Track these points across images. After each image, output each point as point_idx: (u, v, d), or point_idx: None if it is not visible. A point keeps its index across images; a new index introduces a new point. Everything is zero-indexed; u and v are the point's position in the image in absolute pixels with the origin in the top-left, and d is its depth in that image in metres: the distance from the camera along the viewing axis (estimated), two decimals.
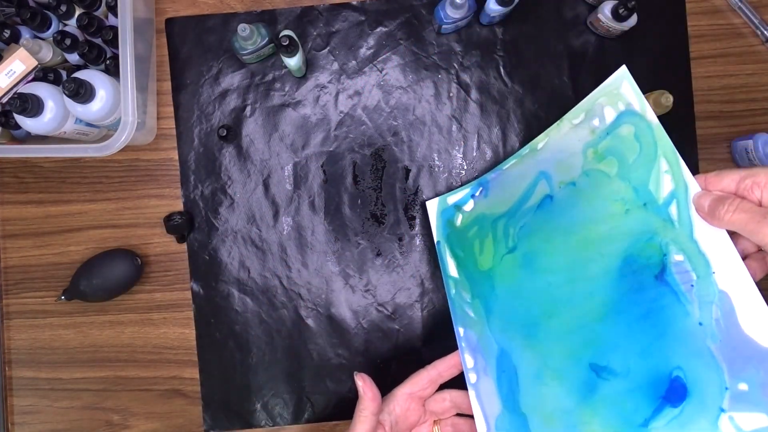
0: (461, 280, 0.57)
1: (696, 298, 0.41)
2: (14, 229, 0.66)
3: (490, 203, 0.57)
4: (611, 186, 0.48)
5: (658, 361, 0.42)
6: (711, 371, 0.39)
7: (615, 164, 0.49)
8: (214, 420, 0.65)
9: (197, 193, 0.65)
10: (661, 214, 0.45)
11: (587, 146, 0.51)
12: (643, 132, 0.48)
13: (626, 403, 0.43)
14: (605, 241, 0.48)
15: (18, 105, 0.52)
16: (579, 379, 0.46)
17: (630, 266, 0.45)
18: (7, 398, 0.66)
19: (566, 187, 0.52)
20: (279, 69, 0.65)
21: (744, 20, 0.64)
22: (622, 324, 0.44)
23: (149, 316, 0.66)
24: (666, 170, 0.45)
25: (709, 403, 0.39)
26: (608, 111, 0.50)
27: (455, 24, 0.61)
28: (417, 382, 0.54)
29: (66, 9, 0.59)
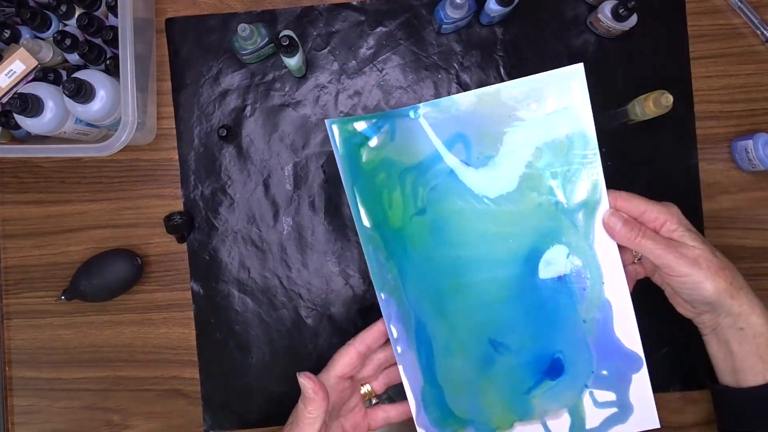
0: (374, 235, 0.52)
1: (585, 300, 0.51)
2: (14, 229, 0.66)
3: (396, 148, 0.51)
4: (532, 175, 0.50)
5: (545, 343, 0.51)
6: (584, 358, 0.51)
7: (540, 155, 0.50)
8: (214, 420, 0.65)
9: (197, 193, 0.65)
10: (569, 217, 0.50)
11: (517, 126, 0.50)
12: (577, 136, 0.49)
13: (516, 375, 0.52)
14: (516, 227, 0.51)
15: (18, 105, 0.52)
16: (480, 352, 0.52)
17: (534, 258, 0.51)
18: (7, 398, 0.66)
19: (485, 159, 0.50)
20: (279, 69, 0.65)
21: (744, 20, 0.64)
22: (520, 309, 0.51)
23: (149, 316, 0.66)
24: (586, 180, 0.50)
25: (579, 380, 0.51)
26: (550, 102, 0.49)
27: (455, 24, 0.61)
28: (347, 362, 0.50)
29: (66, 9, 0.59)
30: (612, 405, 0.51)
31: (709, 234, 0.64)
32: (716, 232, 0.64)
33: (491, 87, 0.50)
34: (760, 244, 0.65)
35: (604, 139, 0.63)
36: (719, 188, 0.64)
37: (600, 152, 0.59)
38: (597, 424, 0.51)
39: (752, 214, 0.64)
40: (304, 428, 0.46)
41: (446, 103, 0.50)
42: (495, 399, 0.52)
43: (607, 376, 0.51)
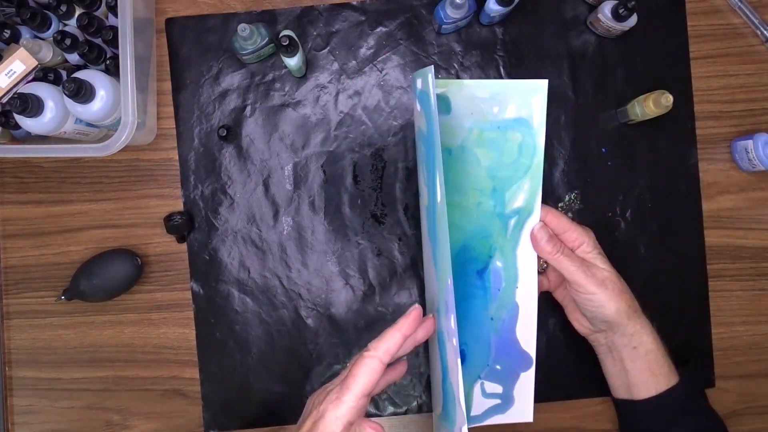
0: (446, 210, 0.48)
1: (497, 301, 0.55)
2: (14, 229, 0.66)
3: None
4: (478, 175, 0.54)
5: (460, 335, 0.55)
6: (483, 351, 0.56)
7: (490, 158, 0.54)
8: (214, 420, 0.65)
9: (197, 193, 0.65)
10: (502, 221, 0.54)
11: (475, 125, 0.53)
12: (527, 147, 0.53)
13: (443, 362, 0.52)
14: (455, 222, 0.54)
15: (18, 105, 0.52)
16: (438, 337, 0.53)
17: (464, 253, 0.55)
18: (7, 398, 0.66)
19: (444, 150, 0.54)
20: (279, 69, 0.65)
21: (744, 20, 0.64)
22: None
23: (149, 316, 0.66)
24: (525, 189, 0.54)
25: (474, 372, 0.56)
26: (510, 108, 0.53)
27: (455, 24, 0.61)
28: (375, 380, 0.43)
29: (66, 9, 0.59)
30: (497, 396, 0.56)
31: (709, 234, 0.64)
32: (716, 232, 0.64)
33: (459, 81, 0.54)
34: (760, 244, 0.65)
35: (604, 139, 0.64)
36: (719, 188, 0.65)
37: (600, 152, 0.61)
38: (480, 413, 0.56)
39: (752, 214, 0.65)
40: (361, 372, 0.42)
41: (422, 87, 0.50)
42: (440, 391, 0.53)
43: (499, 371, 0.56)
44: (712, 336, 0.64)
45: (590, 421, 0.65)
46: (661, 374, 0.53)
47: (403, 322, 0.44)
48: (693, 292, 0.64)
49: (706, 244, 0.64)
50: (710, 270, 0.64)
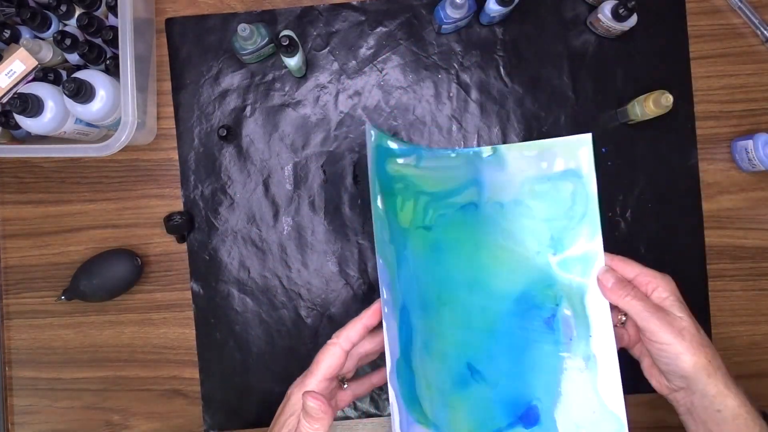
0: (384, 218, 0.52)
1: (570, 351, 0.50)
2: (14, 229, 0.66)
3: (419, 174, 0.56)
4: (534, 224, 0.54)
5: (523, 387, 0.50)
6: (561, 413, 0.49)
7: (544, 209, 0.54)
8: (214, 420, 0.65)
9: (197, 193, 0.65)
10: (565, 268, 0.52)
11: (527, 180, 0.54)
12: (580, 195, 0.53)
13: (489, 410, 0.50)
14: (511, 268, 0.53)
15: (18, 105, 0.52)
16: (456, 370, 0.51)
17: (526, 301, 0.52)
18: (7, 398, 0.66)
19: (494, 204, 0.55)
20: (279, 69, 0.65)
21: (744, 20, 0.64)
22: (504, 344, 0.51)
23: (149, 316, 0.66)
24: (584, 235, 0.52)
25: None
26: (559, 162, 0.54)
27: (455, 24, 0.61)
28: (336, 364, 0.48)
29: (66, 9, 0.59)
30: None
31: (709, 234, 0.64)
32: (716, 232, 0.64)
33: (506, 145, 0.56)
34: (760, 244, 0.65)
35: (604, 139, 0.64)
36: (719, 188, 0.65)
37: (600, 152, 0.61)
38: None
39: (752, 214, 0.65)
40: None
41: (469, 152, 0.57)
42: (463, 421, 0.50)
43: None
44: (712, 336, 0.64)
45: None
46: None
47: (364, 313, 0.49)
48: (693, 292, 0.64)
49: (706, 244, 0.64)
50: (710, 270, 0.64)
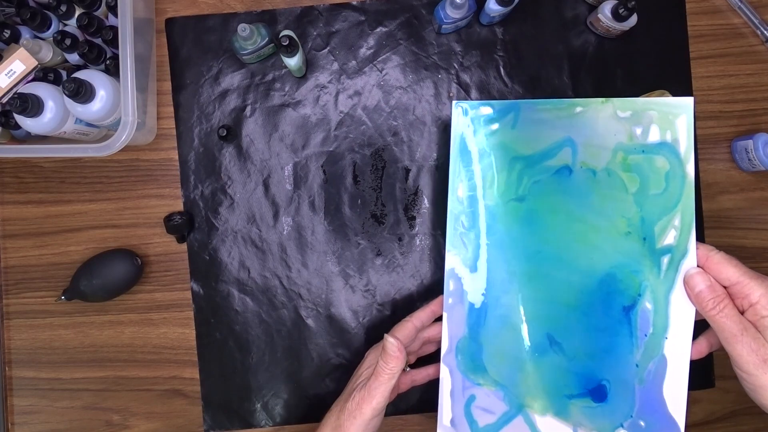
0: (464, 206, 0.55)
1: (643, 347, 0.50)
2: (14, 229, 0.66)
3: (515, 136, 0.54)
4: (625, 201, 0.51)
5: (597, 365, 0.51)
6: (627, 400, 0.51)
7: (636, 184, 0.50)
8: (214, 420, 0.65)
9: (197, 193, 0.65)
10: (653, 257, 0.49)
11: (619, 147, 0.51)
12: (675, 177, 0.49)
13: (563, 376, 0.52)
14: (600, 246, 0.51)
15: (18, 105, 0.52)
16: (536, 339, 0.53)
17: (609, 283, 0.51)
18: (7, 398, 0.66)
19: (587, 170, 0.52)
20: (279, 69, 0.65)
21: (744, 20, 0.64)
22: (584, 322, 0.52)
23: (149, 316, 0.66)
24: (676, 225, 0.49)
25: (617, 416, 0.51)
26: (654, 130, 0.50)
27: (455, 24, 0.61)
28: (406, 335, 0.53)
29: (66, 9, 0.59)
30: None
31: (709, 234, 0.64)
32: (716, 232, 0.64)
33: (600, 100, 0.51)
34: (760, 244, 0.65)
35: None
36: (719, 188, 0.64)
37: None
38: None
39: (752, 214, 0.65)
40: (384, 381, 0.49)
41: (561, 105, 0.53)
42: (536, 383, 0.53)
43: (643, 428, 0.50)
44: None
45: None
46: None
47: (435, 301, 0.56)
48: None
49: None
50: None
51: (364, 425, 0.49)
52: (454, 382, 0.54)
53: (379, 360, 0.50)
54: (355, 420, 0.49)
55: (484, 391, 0.54)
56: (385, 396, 0.49)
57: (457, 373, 0.54)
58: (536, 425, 0.53)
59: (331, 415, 0.52)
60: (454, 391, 0.54)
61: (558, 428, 0.52)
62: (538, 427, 0.53)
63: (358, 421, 0.49)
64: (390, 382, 0.49)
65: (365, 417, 0.49)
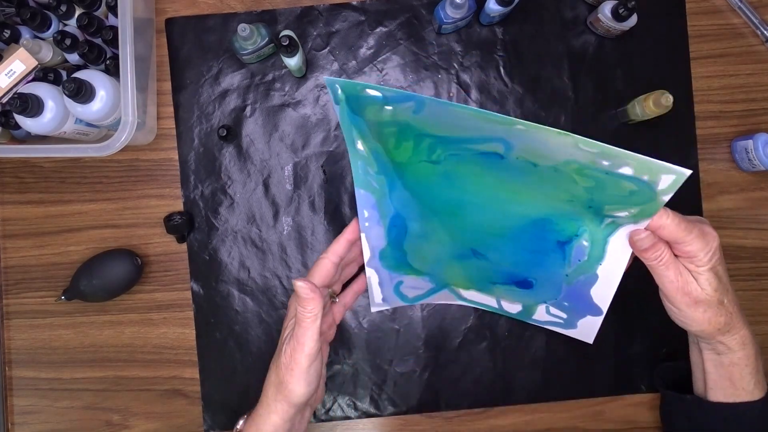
0: (368, 157, 0.50)
1: (575, 266, 0.52)
2: (14, 229, 0.66)
3: (420, 120, 0.45)
4: (574, 188, 0.45)
5: (523, 270, 0.55)
6: (552, 290, 0.55)
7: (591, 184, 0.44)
8: (214, 420, 0.65)
9: (197, 193, 0.65)
10: (598, 217, 0.47)
11: (573, 161, 0.43)
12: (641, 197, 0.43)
13: (487, 272, 0.56)
14: (536, 199, 0.48)
15: (18, 105, 0.52)
16: (458, 250, 0.55)
17: (544, 224, 0.50)
18: (7, 398, 0.66)
19: (525, 162, 0.45)
20: (279, 69, 0.65)
21: (744, 20, 0.64)
22: (511, 246, 0.53)
23: (149, 316, 0.66)
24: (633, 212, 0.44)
25: (541, 297, 0.56)
26: (626, 169, 0.42)
27: (455, 24, 0.61)
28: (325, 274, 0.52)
29: (66, 9, 0.59)
30: (560, 318, 0.57)
31: None
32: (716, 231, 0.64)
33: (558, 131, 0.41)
34: (760, 244, 0.65)
35: (604, 139, 0.64)
36: (719, 188, 0.64)
37: None
38: (542, 319, 0.58)
39: (752, 214, 0.65)
40: (309, 326, 0.48)
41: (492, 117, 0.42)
42: (458, 274, 0.57)
43: (566, 306, 0.55)
44: None
45: (590, 421, 0.65)
46: (742, 388, 0.50)
47: (346, 229, 0.54)
48: None
49: None
50: None
51: (304, 374, 0.48)
52: (381, 277, 0.57)
53: (295, 311, 0.49)
54: (293, 372, 0.48)
55: (411, 278, 0.58)
56: (315, 339, 0.48)
57: (383, 270, 0.56)
58: (461, 294, 0.59)
59: (270, 373, 0.51)
60: (383, 281, 0.57)
61: (482, 298, 0.59)
62: (463, 296, 0.59)
63: (297, 372, 0.48)
64: (314, 325, 0.48)
65: (302, 366, 0.48)
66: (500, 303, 0.59)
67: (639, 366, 0.64)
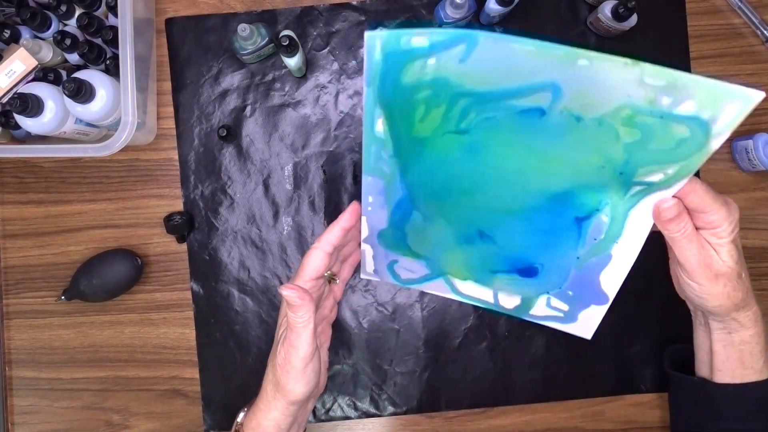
0: (386, 139, 0.46)
1: (589, 247, 0.49)
2: (14, 229, 0.66)
3: (462, 71, 0.41)
4: (612, 147, 0.42)
5: (531, 254, 0.51)
6: (559, 278, 0.51)
7: (635, 137, 0.41)
8: (214, 420, 0.65)
9: (197, 193, 0.65)
10: (624, 185, 0.44)
11: (628, 106, 0.39)
12: (690, 145, 0.40)
13: (489, 257, 0.52)
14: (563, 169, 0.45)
15: (18, 105, 0.52)
16: (464, 231, 0.51)
17: (564, 199, 0.47)
18: (7, 398, 0.66)
19: (568, 115, 0.41)
20: (279, 69, 0.65)
21: (744, 20, 0.64)
22: (523, 226, 0.50)
23: (149, 316, 0.66)
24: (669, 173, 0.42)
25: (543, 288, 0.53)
26: (688, 104, 0.38)
27: (455, 24, 0.61)
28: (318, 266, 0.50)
29: (66, 9, 0.59)
30: (560, 312, 0.54)
31: None
32: None
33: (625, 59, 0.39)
34: (760, 244, 0.65)
35: None
36: (719, 188, 0.64)
37: None
38: (540, 315, 0.54)
39: (752, 214, 0.65)
40: (301, 332, 0.47)
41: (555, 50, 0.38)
42: (458, 260, 0.53)
43: (570, 296, 0.52)
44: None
45: (590, 421, 0.65)
46: (751, 367, 0.49)
47: (341, 216, 0.51)
48: None
49: None
50: None
51: (300, 375, 0.48)
52: (377, 252, 0.54)
53: (286, 316, 0.48)
54: (290, 374, 0.48)
55: (407, 260, 0.54)
56: (309, 342, 0.47)
57: (379, 247, 0.54)
58: (456, 287, 0.55)
59: (268, 370, 0.51)
60: (377, 255, 0.55)
61: (478, 291, 0.54)
62: (457, 288, 0.55)
63: (293, 374, 0.48)
64: (307, 329, 0.47)
65: (298, 369, 0.48)
66: (497, 297, 0.55)
67: (639, 366, 0.64)
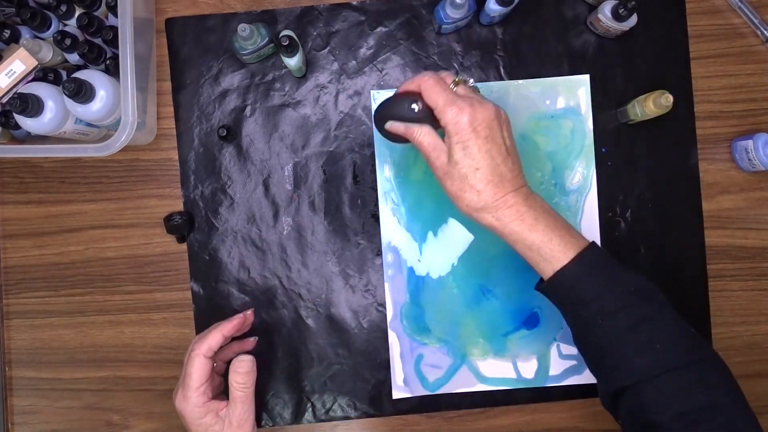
0: (393, 186, 0.63)
1: None
2: (14, 229, 0.66)
3: None
4: (539, 157, 0.63)
5: (527, 298, 0.63)
6: (557, 319, 0.62)
7: (547, 143, 0.63)
8: None
9: (197, 193, 0.65)
10: (564, 198, 0.63)
11: (533, 116, 0.63)
12: (578, 132, 0.63)
13: (498, 319, 0.63)
14: None
15: (18, 105, 0.52)
16: (470, 292, 0.63)
17: None
18: (7, 398, 0.66)
19: None
20: (279, 69, 0.65)
21: (744, 20, 0.64)
22: (509, 266, 0.63)
23: (149, 316, 0.66)
24: (580, 170, 0.63)
25: (549, 333, 0.63)
26: (560, 100, 0.63)
27: (455, 24, 0.61)
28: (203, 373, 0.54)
29: (66, 9, 0.59)
30: (573, 358, 0.63)
31: (710, 234, 0.64)
32: (716, 232, 0.64)
33: (514, 81, 0.63)
34: (760, 244, 0.65)
35: (604, 139, 0.64)
36: (719, 188, 0.65)
37: (600, 152, 0.62)
38: (558, 373, 0.63)
39: (752, 214, 0.65)
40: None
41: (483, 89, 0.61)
42: (474, 333, 0.63)
43: None
44: (712, 336, 0.64)
45: (590, 421, 0.65)
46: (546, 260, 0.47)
47: (224, 324, 0.56)
48: (693, 292, 0.64)
49: (706, 244, 0.64)
50: (710, 270, 0.64)
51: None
52: (403, 345, 0.63)
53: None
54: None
55: (430, 350, 0.63)
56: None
57: (404, 336, 0.63)
58: (479, 370, 0.63)
59: None
60: (404, 353, 0.63)
61: (499, 367, 0.63)
62: (481, 372, 0.63)
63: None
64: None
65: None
66: (517, 367, 0.63)
67: None
